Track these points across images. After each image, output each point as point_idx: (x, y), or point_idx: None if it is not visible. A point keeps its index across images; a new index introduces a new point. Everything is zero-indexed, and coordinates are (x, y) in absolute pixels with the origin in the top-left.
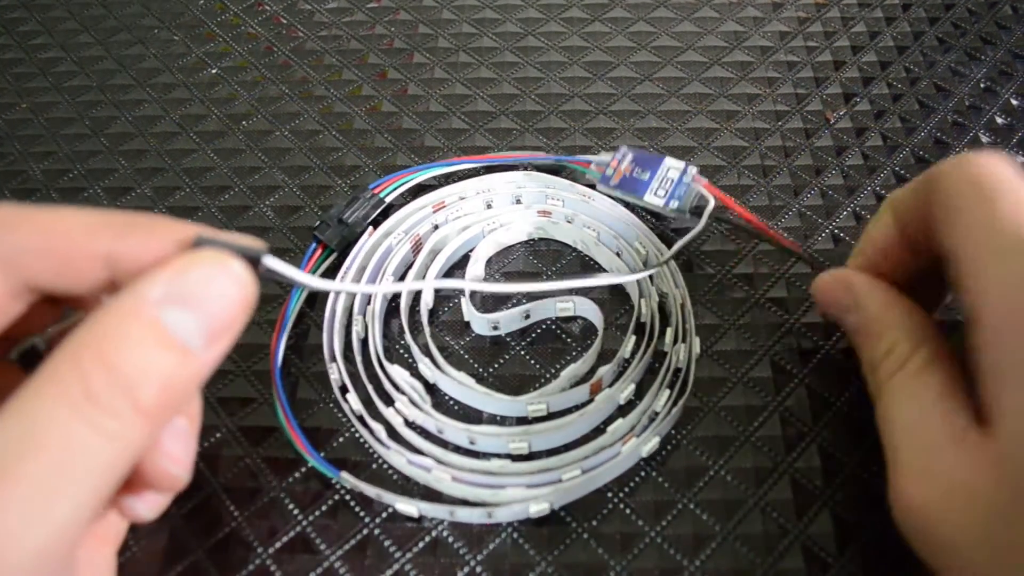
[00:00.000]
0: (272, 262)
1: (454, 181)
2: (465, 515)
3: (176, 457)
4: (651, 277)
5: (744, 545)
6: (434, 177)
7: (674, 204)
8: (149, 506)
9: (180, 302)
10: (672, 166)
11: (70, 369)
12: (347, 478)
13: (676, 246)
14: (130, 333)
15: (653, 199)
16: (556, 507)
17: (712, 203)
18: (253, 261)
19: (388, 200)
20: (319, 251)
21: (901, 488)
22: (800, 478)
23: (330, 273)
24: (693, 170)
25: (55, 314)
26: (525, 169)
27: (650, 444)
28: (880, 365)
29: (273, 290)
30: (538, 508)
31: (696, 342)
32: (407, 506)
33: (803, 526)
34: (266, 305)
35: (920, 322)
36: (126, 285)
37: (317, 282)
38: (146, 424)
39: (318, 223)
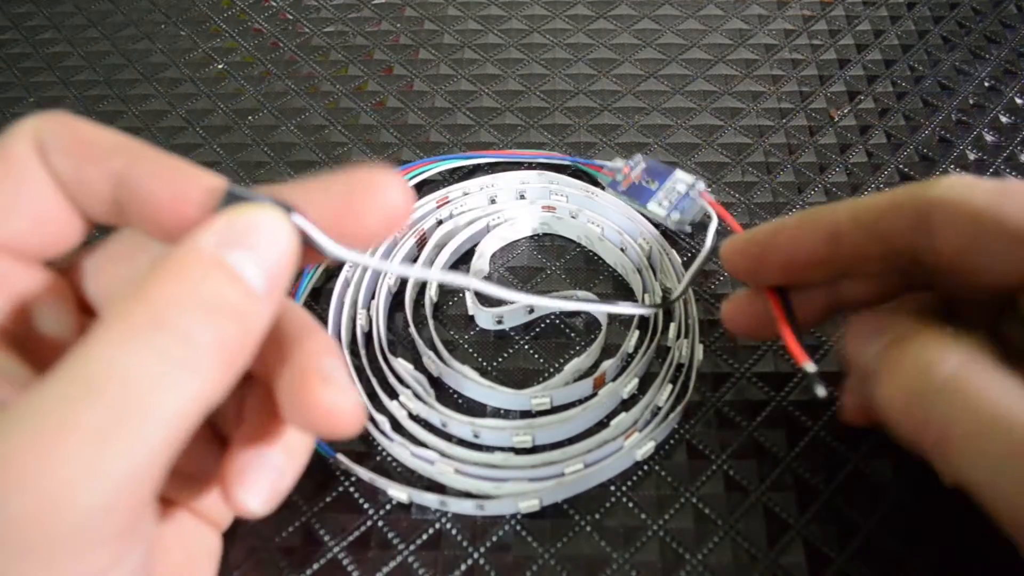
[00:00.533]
0: (300, 220)
1: (463, 177)
2: (456, 506)
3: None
4: (654, 272)
5: (746, 539)
6: (444, 171)
7: (675, 216)
8: (259, 497)
9: (236, 244)
10: (681, 179)
11: (135, 300)
12: (342, 460)
13: (688, 276)
14: (198, 266)
15: (656, 208)
16: (547, 503)
17: (715, 221)
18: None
19: (411, 184)
20: None
21: None
22: (803, 473)
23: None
24: (701, 186)
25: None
26: (530, 167)
27: (645, 448)
28: (935, 374)
29: None
30: (527, 504)
31: (700, 349)
32: (398, 492)
33: (805, 521)
34: None
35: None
36: (186, 234)
37: (340, 250)
38: (227, 360)
39: None
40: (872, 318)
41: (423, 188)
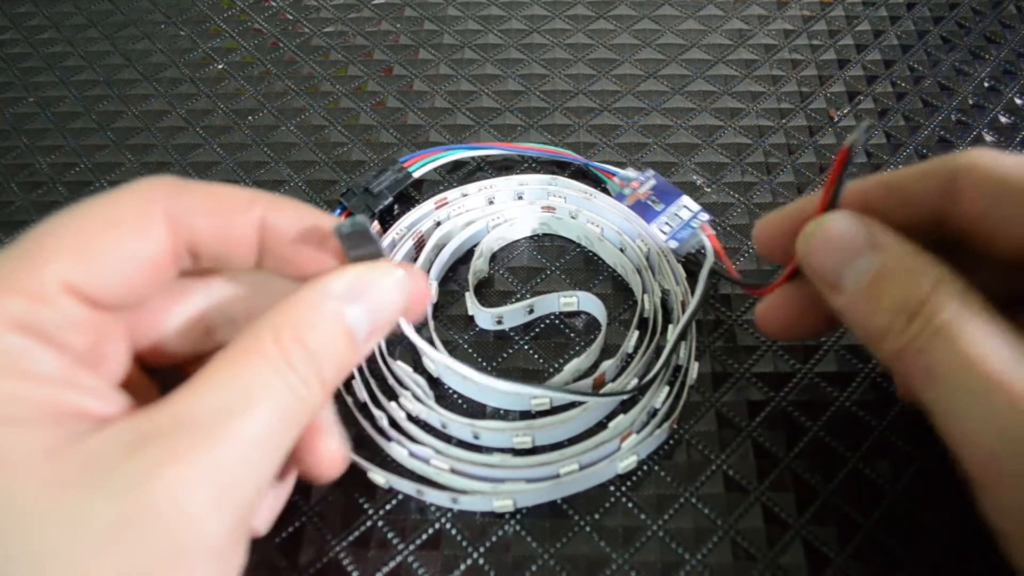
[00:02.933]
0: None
1: (462, 179)
2: (433, 496)
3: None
4: (652, 272)
5: (745, 539)
6: (461, 159)
7: (673, 244)
8: (264, 523)
9: (356, 300)
10: (686, 205)
11: (273, 341)
12: None
13: (683, 320)
14: (319, 318)
15: (656, 232)
16: (520, 505)
17: (711, 260)
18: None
19: (416, 175)
20: (343, 217)
21: None
22: (802, 473)
23: None
24: (704, 217)
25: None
26: (537, 163)
27: (626, 462)
28: (929, 302)
29: None
30: (501, 504)
31: (695, 367)
32: (377, 476)
33: (804, 521)
34: None
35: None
36: (312, 280)
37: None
38: (324, 396)
39: (345, 190)
40: (851, 228)
41: (423, 187)
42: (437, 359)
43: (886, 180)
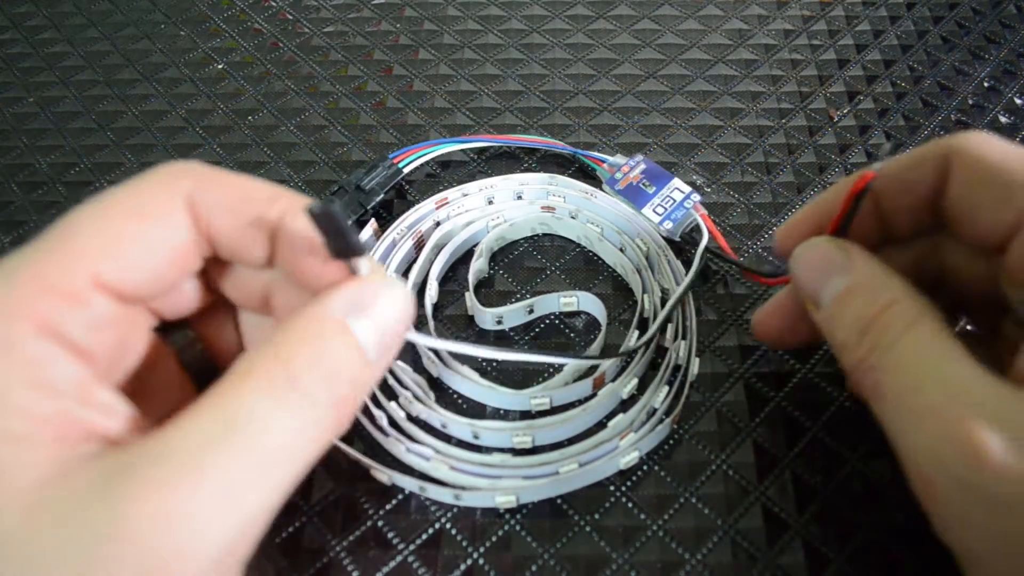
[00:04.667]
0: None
1: (463, 178)
2: (435, 492)
3: None
4: (652, 272)
5: (745, 539)
6: (452, 152)
7: (667, 225)
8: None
9: (362, 313)
10: (678, 187)
11: (273, 359)
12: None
13: (671, 299)
14: (325, 332)
15: (651, 214)
16: (524, 500)
17: (706, 239)
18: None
19: (406, 171)
20: None
21: (971, 441)
22: (802, 473)
23: None
24: (696, 197)
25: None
26: (529, 154)
27: (628, 457)
28: (878, 321)
29: None
30: (504, 499)
31: (696, 363)
32: (380, 474)
33: (804, 520)
34: None
35: (921, 295)
36: (314, 299)
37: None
38: (336, 418)
39: (336, 188)
40: (830, 251)
41: (419, 185)
42: (443, 347)
43: (889, 169)
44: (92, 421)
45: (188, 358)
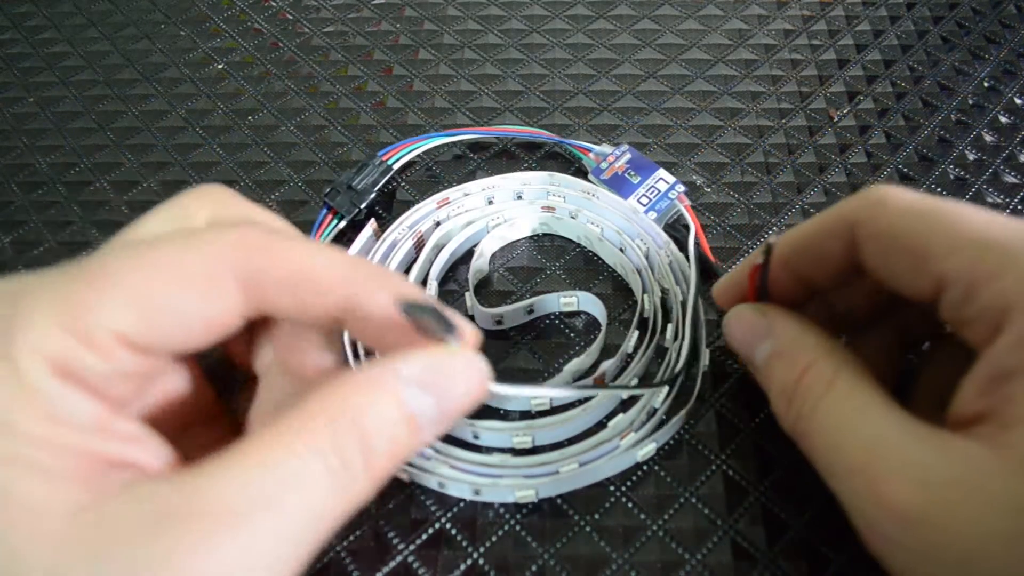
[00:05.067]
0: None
1: (463, 177)
2: (455, 489)
3: None
4: (652, 272)
5: (745, 539)
6: (440, 146)
7: (652, 215)
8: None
9: (426, 386)
10: (663, 178)
11: (324, 423)
12: None
13: (689, 304)
14: (379, 400)
15: (635, 204)
16: (542, 496)
17: (692, 232)
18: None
19: (396, 167)
20: (329, 217)
21: (892, 502)
22: (802, 473)
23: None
24: (680, 188)
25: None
26: (513, 143)
27: (646, 449)
28: (798, 388)
29: None
30: (524, 494)
31: (707, 354)
32: (399, 472)
33: (805, 521)
34: None
35: (837, 345)
36: (382, 359)
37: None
38: (370, 487)
39: (328, 190)
40: (752, 318)
41: (423, 186)
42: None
43: (796, 244)
44: (118, 452)
45: (204, 364)
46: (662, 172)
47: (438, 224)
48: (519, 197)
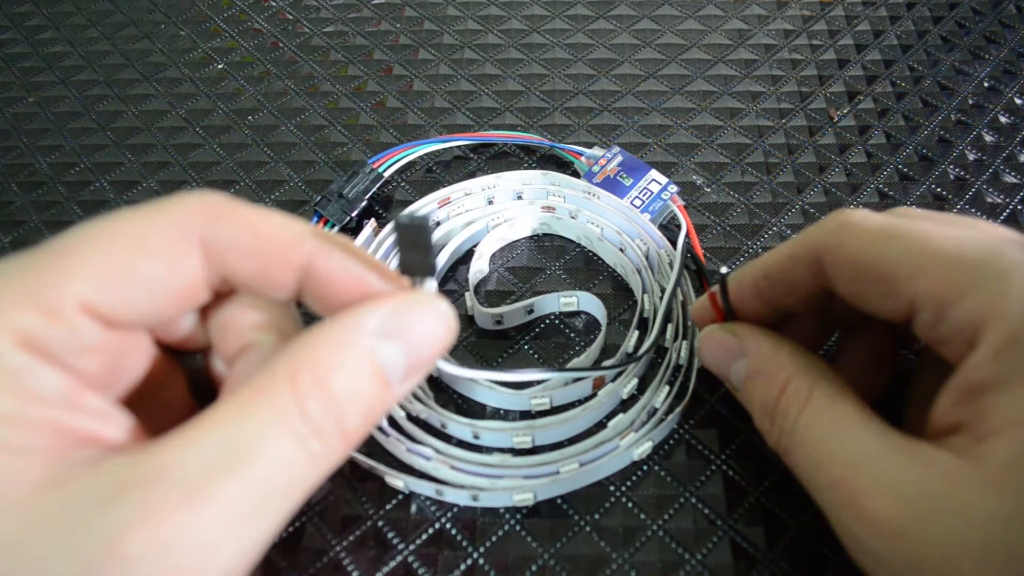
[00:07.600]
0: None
1: (464, 176)
2: (452, 495)
3: None
4: (652, 272)
5: (745, 539)
6: (429, 153)
7: (645, 216)
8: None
9: (391, 334)
10: (655, 179)
11: (287, 387)
12: None
13: (666, 296)
14: (346, 359)
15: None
16: (542, 497)
17: (684, 234)
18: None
19: (386, 175)
20: (320, 225)
21: (871, 515)
22: None
23: None
24: (673, 188)
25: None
26: (507, 148)
27: (643, 448)
28: (778, 406)
29: None
30: (521, 497)
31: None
32: (395, 480)
33: (804, 521)
34: None
35: (812, 359)
36: (342, 312)
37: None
38: (343, 449)
39: (319, 198)
40: (724, 338)
41: (423, 186)
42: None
43: (768, 271)
44: (85, 427)
45: (193, 372)
46: (654, 173)
47: (438, 224)
48: (519, 197)
